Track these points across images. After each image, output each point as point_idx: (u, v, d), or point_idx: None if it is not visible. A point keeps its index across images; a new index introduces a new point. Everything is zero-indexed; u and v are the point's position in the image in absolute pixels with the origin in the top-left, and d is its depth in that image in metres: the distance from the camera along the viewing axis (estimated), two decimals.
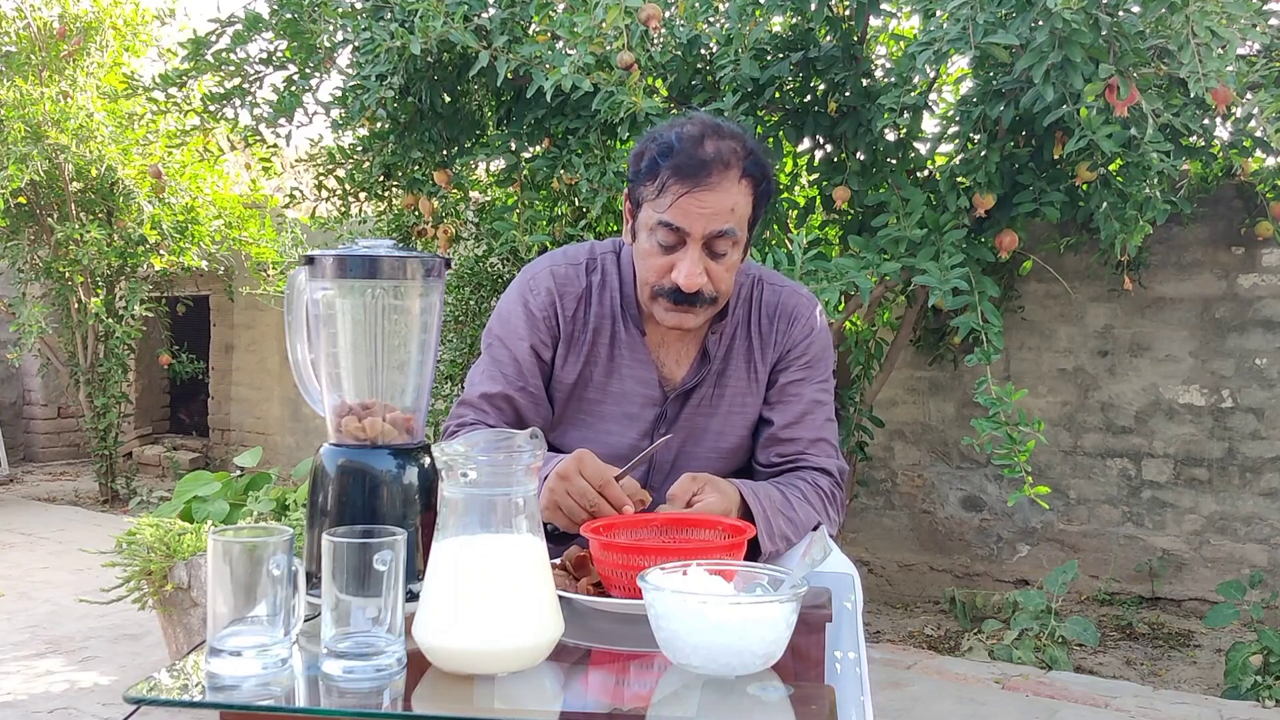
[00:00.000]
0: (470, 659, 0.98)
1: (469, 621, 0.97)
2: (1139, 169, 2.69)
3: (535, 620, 0.98)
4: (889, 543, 4.36)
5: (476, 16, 2.96)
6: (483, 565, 0.98)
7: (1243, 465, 3.69)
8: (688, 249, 1.44)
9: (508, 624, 0.97)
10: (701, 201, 1.41)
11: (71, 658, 3.16)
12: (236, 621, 0.96)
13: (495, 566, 0.98)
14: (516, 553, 0.99)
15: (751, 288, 1.61)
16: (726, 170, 1.42)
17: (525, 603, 0.98)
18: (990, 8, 2.39)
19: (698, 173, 1.41)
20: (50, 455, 7.84)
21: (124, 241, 5.72)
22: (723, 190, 1.42)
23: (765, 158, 1.49)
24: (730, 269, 1.48)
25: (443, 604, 0.98)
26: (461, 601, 0.97)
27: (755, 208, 1.49)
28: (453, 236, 3.95)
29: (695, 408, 1.58)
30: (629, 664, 1.09)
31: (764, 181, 1.48)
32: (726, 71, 2.75)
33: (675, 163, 1.42)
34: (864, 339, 3.49)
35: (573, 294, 1.56)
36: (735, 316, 1.59)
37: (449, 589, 0.98)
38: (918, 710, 2.71)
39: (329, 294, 1.18)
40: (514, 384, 1.55)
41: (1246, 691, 2.85)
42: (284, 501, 3.40)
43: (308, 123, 3.48)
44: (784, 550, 1.46)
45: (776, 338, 1.59)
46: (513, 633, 0.97)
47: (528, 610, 0.98)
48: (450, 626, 0.97)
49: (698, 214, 1.42)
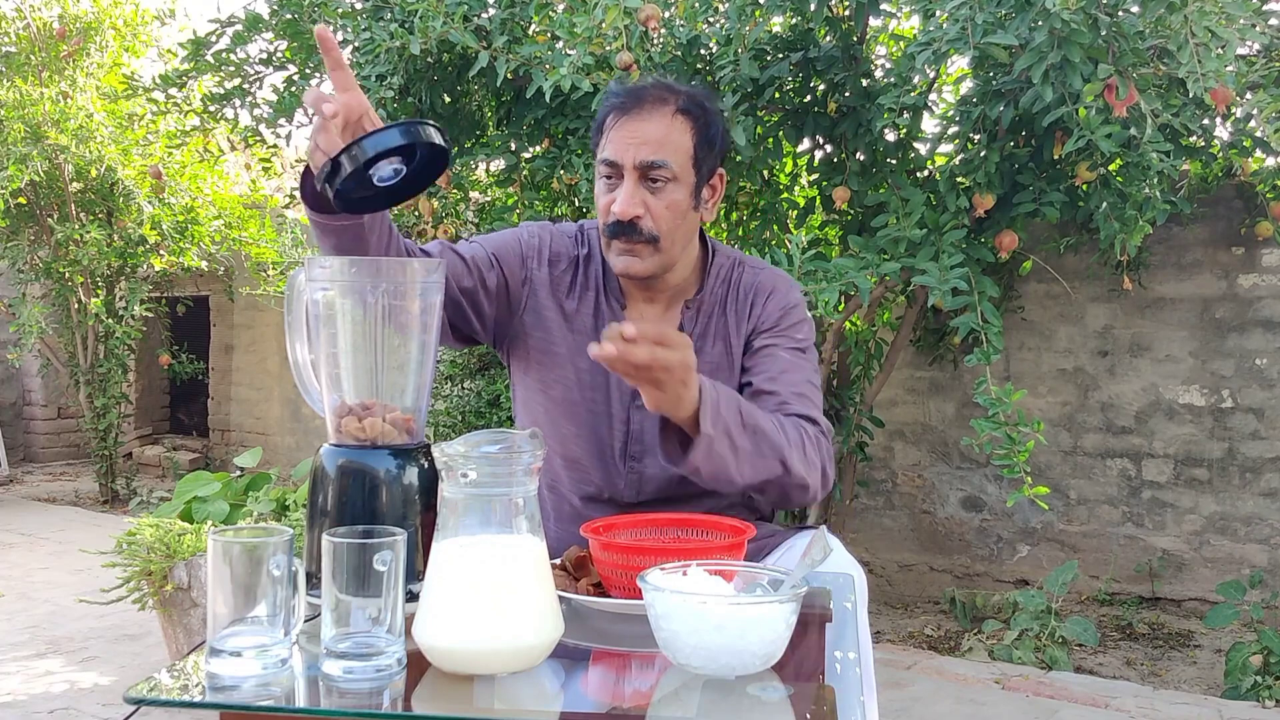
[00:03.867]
0: (471, 659, 0.97)
1: (469, 622, 0.97)
2: (1138, 169, 2.69)
3: (535, 620, 0.98)
4: (889, 543, 4.36)
5: (476, 17, 2.96)
6: (483, 565, 0.98)
7: (1243, 465, 3.69)
8: (625, 180, 1.47)
9: (508, 624, 0.97)
10: (633, 131, 1.46)
11: (71, 658, 3.16)
12: (236, 622, 0.96)
13: (495, 567, 0.98)
14: (517, 553, 0.99)
15: (732, 269, 1.62)
16: (660, 105, 1.47)
17: (526, 603, 0.98)
18: (989, 8, 2.39)
19: (630, 104, 1.48)
20: (50, 456, 7.84)
21: (124, 242, 5.73)
22: (654, 121, 1.46)
23: (709, 104, 1.52)
24: (671, 208, 1.48)
25: (443, 604, 0.98)
26: (462, 602, 0.97)
27: (699, 150, 1.50)
28: (453, 237, 3.95)
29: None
30: (629, 663, 1.09)
31: (706, 125, 1.50)
32: (726, 72, 2.75)
33: (612, 104, 1.50)
34: (864, 339, 3.49)
35: (563, 257, 1.60)
36: (714, 295, 1.59)
37: (449, 589, 0.98)
38: (917, 710, 2.71)
39: (329, 294, 1.18)
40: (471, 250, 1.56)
41: (1246, 692, 2.85)
42: (284, 502, 3.40)
43: (308, 123, 3.48)
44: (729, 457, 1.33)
45: (751, 312, 1.59)
46: (513, 633, 0.97)
47: (528, 610, 0.98)
48: (451, 627, 0.97)
49: (628, 143, 1.46)
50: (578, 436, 1.57)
